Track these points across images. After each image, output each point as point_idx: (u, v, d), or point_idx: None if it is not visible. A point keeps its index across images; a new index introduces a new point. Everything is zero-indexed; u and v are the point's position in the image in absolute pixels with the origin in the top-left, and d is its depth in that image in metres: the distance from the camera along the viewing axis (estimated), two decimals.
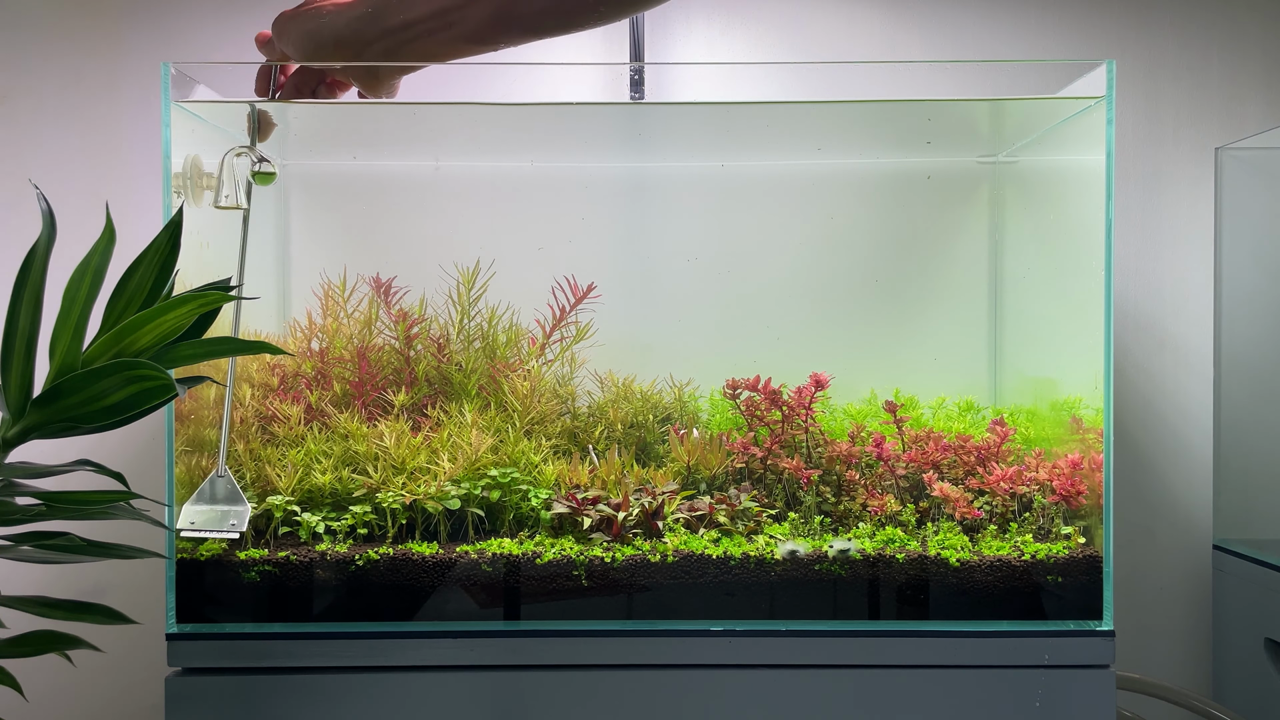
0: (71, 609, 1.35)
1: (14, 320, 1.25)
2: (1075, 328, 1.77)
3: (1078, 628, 1.62)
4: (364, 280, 1.98)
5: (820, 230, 2.16)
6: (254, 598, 1.62)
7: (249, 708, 1.59)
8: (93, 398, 1.23)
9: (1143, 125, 2.20)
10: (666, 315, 2.16)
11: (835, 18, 2.20)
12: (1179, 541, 2.22)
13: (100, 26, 2.16)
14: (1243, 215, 2.17)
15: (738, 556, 1.63)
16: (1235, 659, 2.12)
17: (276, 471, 1.72)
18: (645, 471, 1.84)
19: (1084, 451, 1.71)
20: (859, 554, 1.64)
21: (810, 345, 2.14)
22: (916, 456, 1.83)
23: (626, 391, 2.01)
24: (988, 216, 2.14)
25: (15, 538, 1.31)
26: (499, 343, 1.98)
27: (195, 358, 1.32)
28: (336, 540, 1.67)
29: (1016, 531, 1.71)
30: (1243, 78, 2.20)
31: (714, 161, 2.14)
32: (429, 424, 1.84)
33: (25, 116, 2.16)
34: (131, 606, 1.53)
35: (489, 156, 2.14)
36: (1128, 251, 2.20)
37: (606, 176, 2.16)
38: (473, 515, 1.74)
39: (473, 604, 1.63)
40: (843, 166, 2.14)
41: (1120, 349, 2.21)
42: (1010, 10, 2.20)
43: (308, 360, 1.93)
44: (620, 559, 1.64)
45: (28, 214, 2.15)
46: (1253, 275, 2.18)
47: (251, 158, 1.79)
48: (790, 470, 1.78)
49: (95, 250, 1.27)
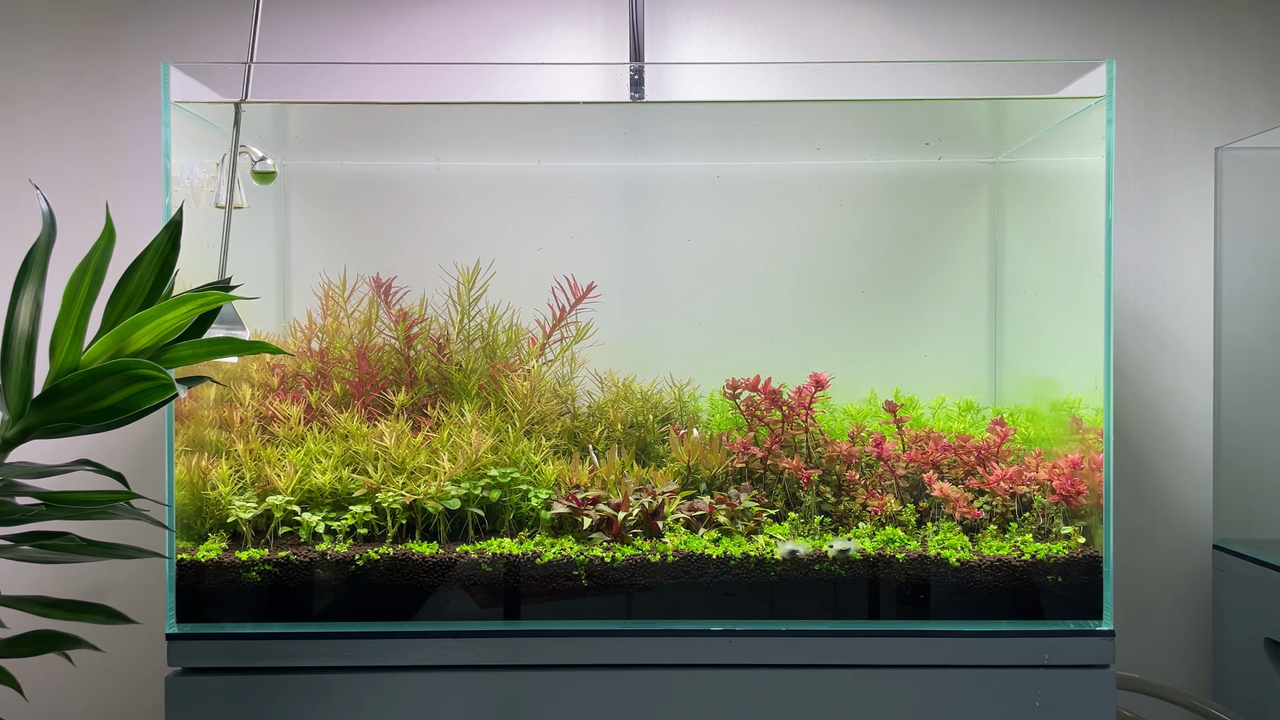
0: (71, 609, 1.35)
1: (14, 320, 1.25)
2: (1075, 328, 1.77)
3: (1078, 628, 1.62)
4: (364, 280, 1.97)
5: (820, 230, 2.16)
6: (254, 598, 1.62)
7: (249, 708, 1.59)
8: (93, 398, 1.23)
9: (1143, 125, 2.20)
10: (666, 315, 2.16)
11: (835, 18, 2.20)
12: (1179, 541, 2.22)
13: (100, 26, 2.16)
14: (1243, 215, 2.17)
15: (738, 556, 1.63)
16: (1235, 659, 2.12)
17: (276, 471, 1.73)
18: (645, 471, 1.84)
19: (1084, 451, 1.71)
20: (859, 554, 1.64)
21: (810, 345, 2.14)
22: (916, 456, 1.83)
23: (626, 391, 2.01)
24: (988, 216, 2.14)
25: (15, 538, 1.31)
26: (499, 343, 1.98)
27: (195, 358, 1.32)
28: (336, 540, 1.67)
29: (1016, 531, 1.70)
30: (1243, 78, 2.20)
31: (714, 161, 2.14)
32: (429, 424, 1.84)
33: (25, 116, 2.16)
34: (131, 606, 1.53)
35: (489, 156, 2.14)
36: (1128, 251, 2.20)
37: (606, 176, 2.16)
38: (473, 515, 1.73)
39: (473, 604, 1.63)
40: (843, 167, 2.14)
41: (1120, 349, 2.21)
42: (1010, 10, 2.20)
43: (308, 360, 1.93)
44: (620, 559, 1.64)
45: (28, 214, 2.15)
46: (1253, 275, 2.18)
47: (251, 157, 1.79)
48: (790, 470, 1.78)
49: (95, 250, 1.27)
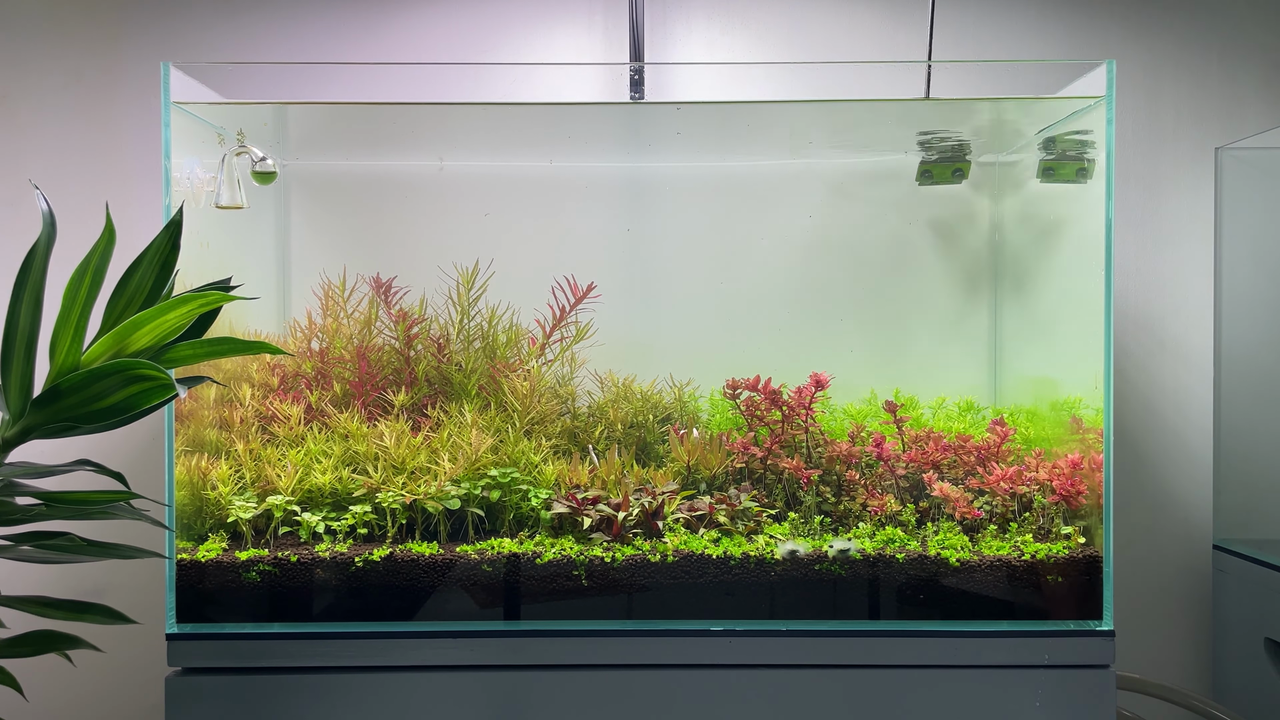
0: (71, 609, 1.35)
1: (14, 320, 1.25)
2: (1075, 328, 1.77)
3: (1078, 628, 1.62)
4: (364, 280, 1.97)
5: (820, 229, 2.16)
6: (254, 598, 1.62)
7: (249, 708, 1.59)
8: (93, 398, 1.23)
9: (1143, 125, 2.20)
10: (666, 315, 2.16)
11: (835, 18, 2.20)
12: (1179, 541, 2.22)
13: (100, 26, 2.16)
14: (1243, 215, 2.17)
15: (738, 556, 1.63)
16: (1235, 659, 2.12)
17: (276, 471, 1.72)
18: (645, 471, 1.84)
19: (1084, 451, 1.71)
20: (859, 554, 1.64)
21: (810, 345, 2.14)
22: (916, 456, 1.83)
23: (626, 391, 2.01)
24: (988, 216, 2.14)
25: (15, 538, 1.31)
26: (499, 343, 1.98)
27: (195, 358, 1.32)
28: (337, 540, 1.67)
29: (1016, 531, 1.70)
30: (1243, 78, 2.20)
31: (714, 161, 2.14)
32: (429, 424, 1.84)
33: (25, 116, 2.16)
34: (131, 606, 1.53)
35: (489, 157, 2.14)
36: (1128, 251, 2.20)
37: (606, 176, 2.16)
38: (473, 515, 1.73)
39: (473, 604, 1.63)
40: (843, 166, 2.14)
41: (1120, 349, 2.21)
42: (1010, 10, 2.20)
43: (308, 360, 1.93)
44: (620, 559, 1.64)
45: (28, 214, 2.15)
46: (1253, 275, 2.18)
47: (252, 157, 1.79)
48: (790, 470, 1.78)
49: (95, 250, 1.27)
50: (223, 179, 1.74)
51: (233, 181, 1.75)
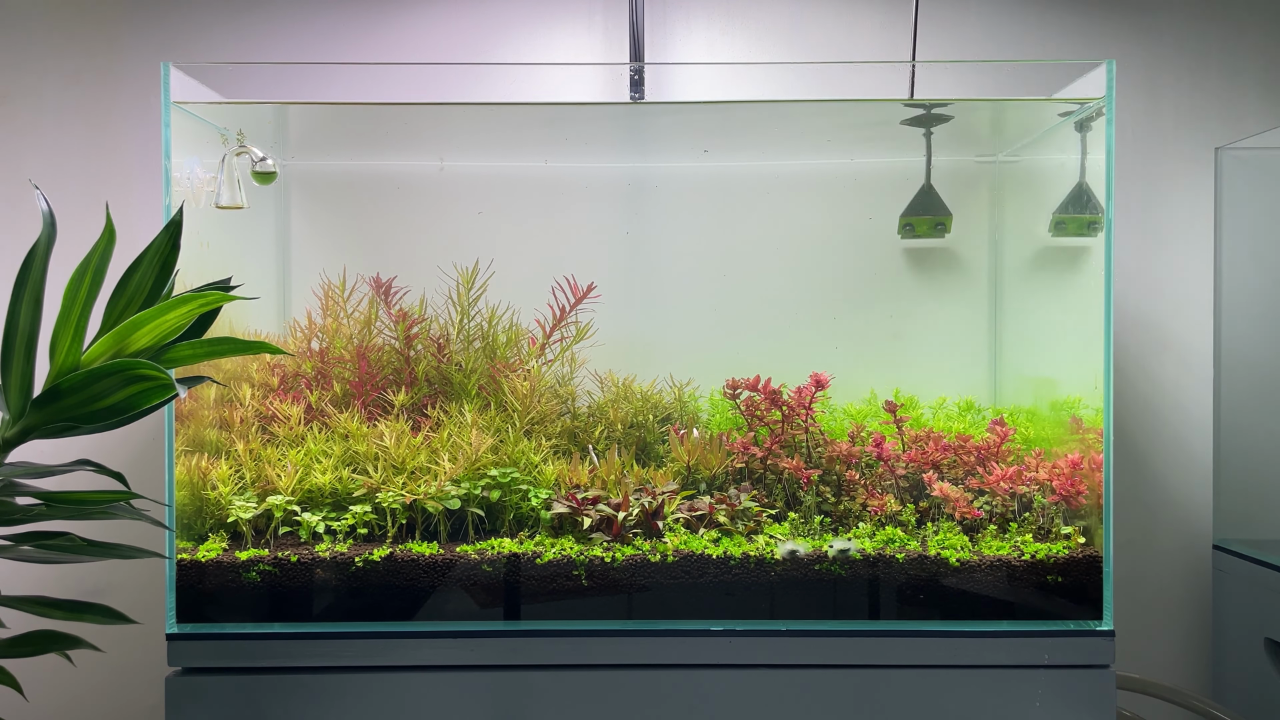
0: (71, 609, 1.35)
1: (14, 320, 1.25)
2: (1075, 328, 1.77)
3: (1078, 628, 1.62)
4: (364, 280, 1.97)
5: (820, 229, 2.16)
6: (254, 598, 1.62)
7: (249, 707, 1.59)
8: (93, 398, 1.23)
9: (1143, 125, 2.20)
10: (666, 315, 2.16)
11: (835, 18, 2.20)
12: (1179, 541, 2.22)
13: (100, 27, 2.16)
14: (1243, 215, 2.17)
15: (738, 556, 1.63)
16: (1235, 659, 2.12)
17: (276, 471, 1.73)
18: (645, 471, 1.84)
19: (1084, 451, 1.71)
20: (859, 554, 1.64)
21: (810, 345, 2.14)
22: (916, 456, 1.83)
23: (626, 391, 2.01)
24: (988, 216, 2.14)
25: (15, 538, 1.31)
26: (499, 343, 1.98)
27: (195, 358, 1.32)
28: (337, 540, 1.67)
29: (1016, 531, 1.71)
30: (1243, 78, 2.20)
31: (714, 161, 2.14)
32: (429, 424, 1.84)
33: (25, 116, 2.16)
34: (131, 606, 1.53)
35: (489, 157, 2.14)
36: (1128, 251, 2.20)
37: (606, 176, 2.16)
38: (473, 515, 1.73)
39: (473, 604, 1.63)
40: (842, 166, 2.14)
41: (1120, 349, 2.21)
42: (1010, 11, 2.20)
43: (308, 360, 1.93)
44: (620, 559, 1.64)
45: (28, 214, 2.15)
46: (1253, 275, 2.18)
47: (252, 157, 1.79)
48: (790, 470, 1.78)
49: (95, 250, 1.27)
50: (223, 179, 1.74)
51: (233, 181, 1.75)
